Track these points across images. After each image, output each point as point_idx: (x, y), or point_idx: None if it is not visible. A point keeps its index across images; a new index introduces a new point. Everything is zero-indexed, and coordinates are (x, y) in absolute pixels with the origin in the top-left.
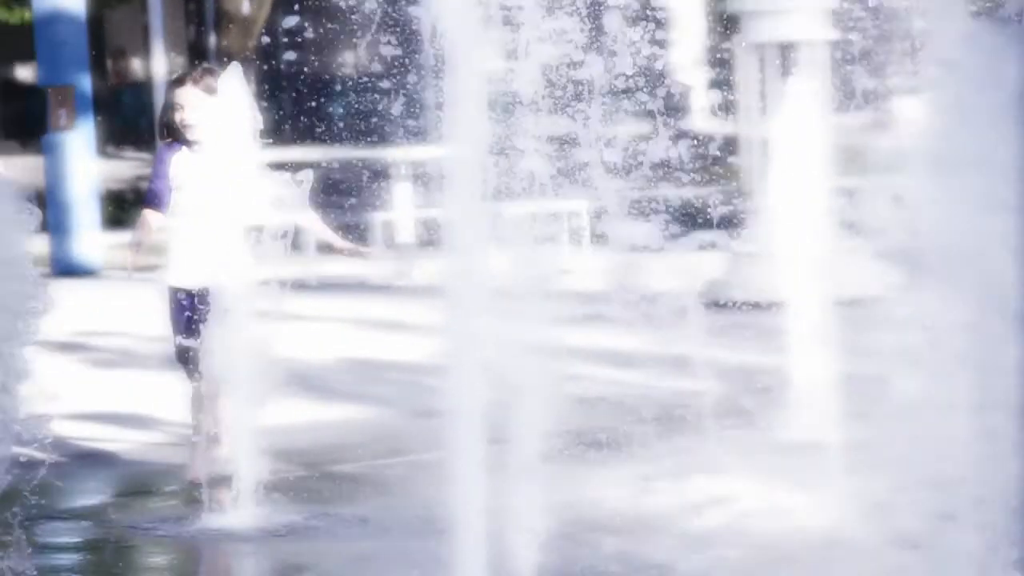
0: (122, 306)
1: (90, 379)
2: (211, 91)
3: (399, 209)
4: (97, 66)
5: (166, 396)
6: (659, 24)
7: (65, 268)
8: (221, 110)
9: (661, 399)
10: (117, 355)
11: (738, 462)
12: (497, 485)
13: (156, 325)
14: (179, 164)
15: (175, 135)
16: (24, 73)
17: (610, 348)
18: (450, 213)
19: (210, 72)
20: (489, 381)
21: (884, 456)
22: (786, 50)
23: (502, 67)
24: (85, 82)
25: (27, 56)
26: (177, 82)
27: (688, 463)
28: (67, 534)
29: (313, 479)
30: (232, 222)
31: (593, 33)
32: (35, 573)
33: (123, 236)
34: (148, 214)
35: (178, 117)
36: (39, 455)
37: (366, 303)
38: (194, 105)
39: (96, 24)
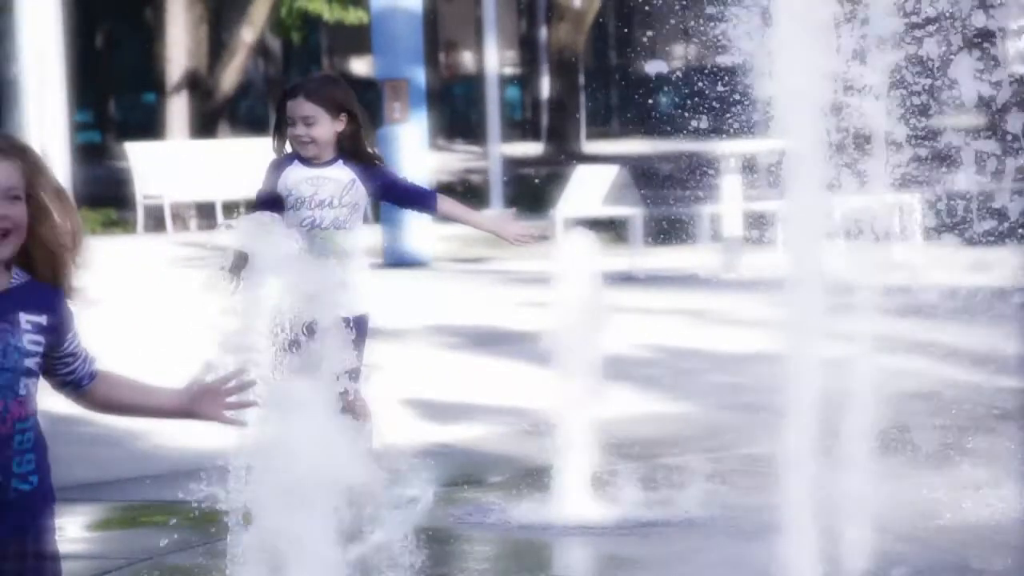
0: (452, 296)
1: (419, 368)
2: (328, 103)
3: (727, 202)
4: (430, 60)
5: (493, 385)
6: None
7: (397, 259)
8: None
9: (993, 398)
10: (446, 345)
11: None
12: (828, 482)
13: (484, 315)
14: (291, 180)
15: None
16: (359, 67)
17: (942, 343)
18: (787, 206)
19: (329, 82)
20: (822, 375)
21: None
22: None
23: (839, 62)
24: (419, 76)
25: (361, 51)
26: (291, 93)
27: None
28: (395, 523)
29: (640, 472)
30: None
31: (936, 28)
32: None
33: (454, 228)
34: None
35: (292, 132)
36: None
37: (693, 296)
38: (310, 119)
39: (430, 18)
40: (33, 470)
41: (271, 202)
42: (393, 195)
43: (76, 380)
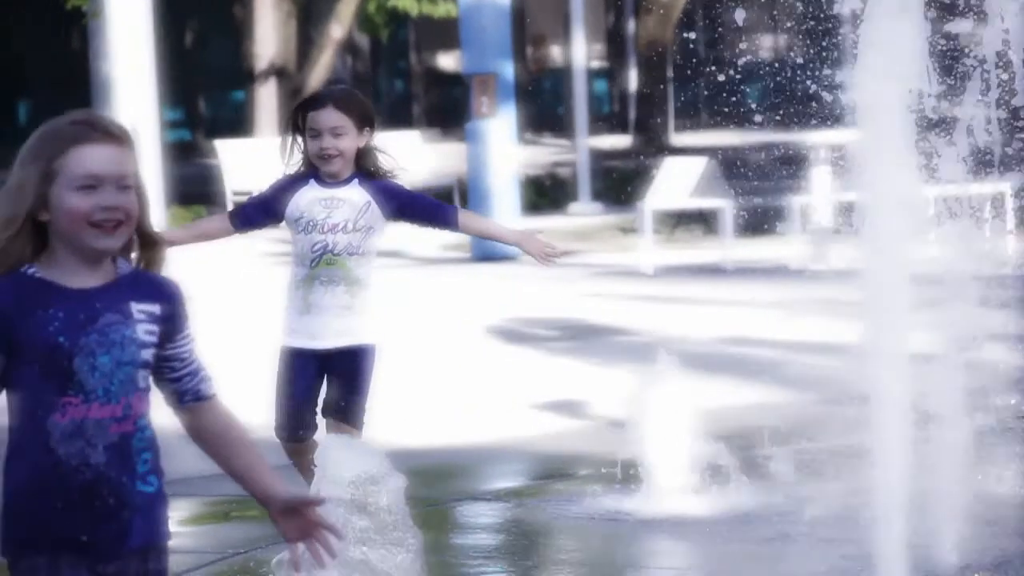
0: (539, 292)
1: (506, 364)
2: (356, 115)
3: (817, 192)
4: (518, 54)
5: (583, 379)
6: None
7: (485, 253)
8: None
9: None
10: (533, 339)
11: None
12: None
13: (572, 309)
14: (304, 202)
15: (305, 164)
16: (446, 62)
17: None
18: (870, 197)
19: (354, 92)
20: (914, 366)
21: None
22: None
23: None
24: (507, 70)
25: (449, 46)
26: (314, 103)
27: None
28: (487, 515)
29: (734, 463)
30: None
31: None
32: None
33: (542, 222)
34: (216, 218)
35: (315, 145)
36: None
37: (783, 287)
38: (338, 130)
39: (518, 12)
40: (151, 470)
41: (262, 211)
42: (411, 214)
43: (179, 392)
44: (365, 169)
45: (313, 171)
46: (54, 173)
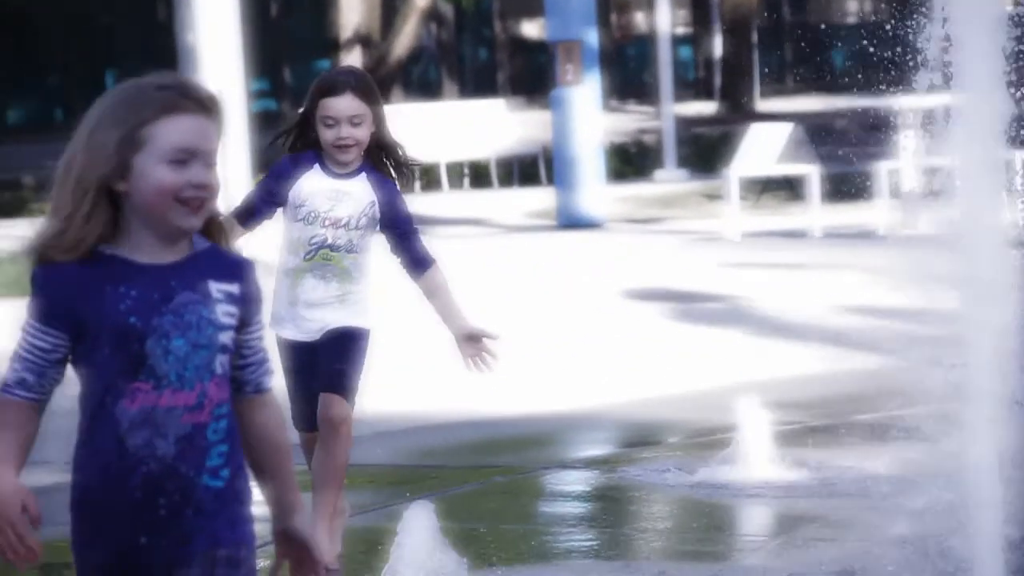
0: (625, 259)
1: (594, 330)
2: (375, 103)
3: (904, 158)
4: (602, 21)
5: (666, 349)
6: None
7: (571, 221)
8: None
9: None
10: (620, 306)
11: None
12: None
13: (658, 277)
14: (307, 189)
15: (307, 148)
16: (530, 30)
17: None
18: (960, 160)
19: (368, 77)
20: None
21: None
22: None
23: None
24: (592, 37)
25: (533, 13)
26: (332, 89)
27: None
28: (577, 483)
29: (820, 430)
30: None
31: None
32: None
33: (627, 189)
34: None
35: (332, 135)
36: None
37: (871, 253)
38: (357, 118)
39: None
40: (224, 463)
41: (268, 200)
42: (392, 238)
43: (241, 381)
44: (379, 160)
45: (316, 154)
46: (140, 141)
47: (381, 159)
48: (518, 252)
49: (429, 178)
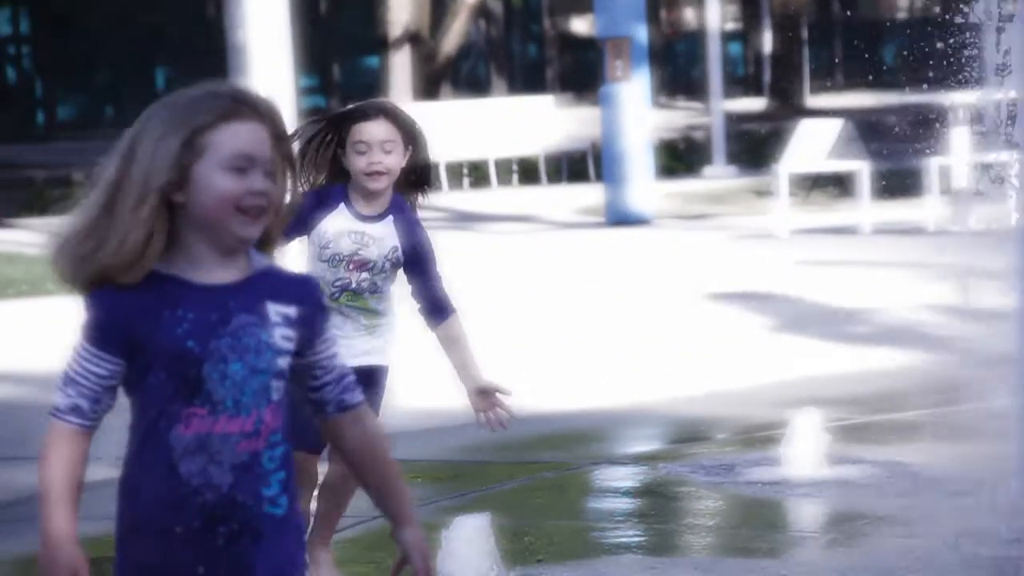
0: (674, 255)
1: (643, 326)
2: (406, 130)
3: (955, 154)
4: (651, 17)
5: (715, 346)
6: None
7: (620, 217)
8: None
9: None
10: (670, 302)
11: None
12: None
13: (708, 273)
14: (332, 230)
15: (333, 179)
16: (579, 26)
17: None
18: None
19: (399, 108)
20: None
21: None
22: None
23: None
24: (641, 33)
25: (582, 10)
26: (363, 114)
27: None
28: (625, 479)
29: (870, 427)
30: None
31: None
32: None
33: (676, 186)
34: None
35: (363, 161)
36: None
37: (921, 249)
38: (388, 144)
39: None
40: (281, 491)
41: (298, 224)
42: (414, 282)
43: (321, 401)
44: (411, 188)
45: (342, 190)
46: (201, 149)
47: (411, 181)
48: (567, 248)
49: (478, 175)
